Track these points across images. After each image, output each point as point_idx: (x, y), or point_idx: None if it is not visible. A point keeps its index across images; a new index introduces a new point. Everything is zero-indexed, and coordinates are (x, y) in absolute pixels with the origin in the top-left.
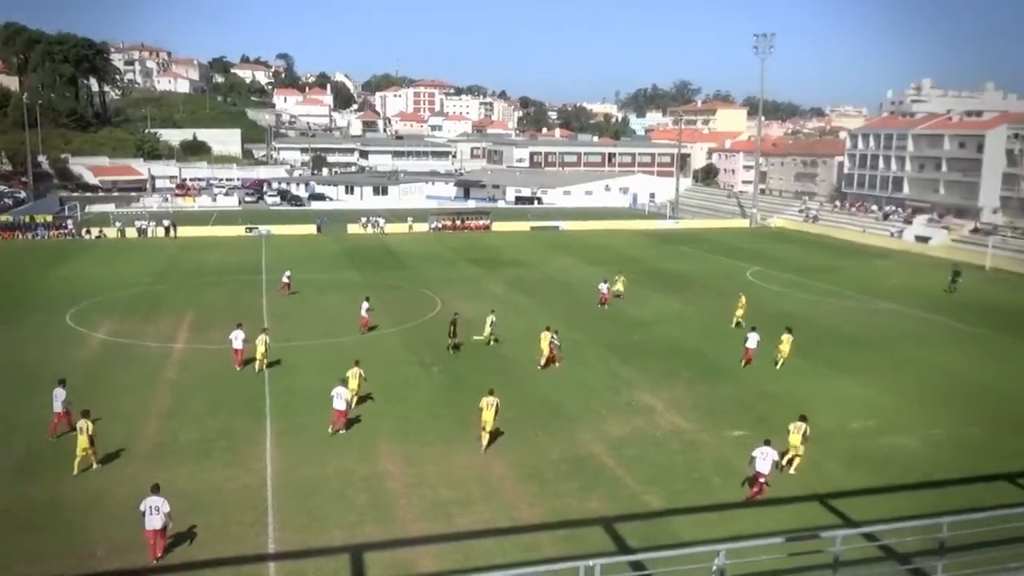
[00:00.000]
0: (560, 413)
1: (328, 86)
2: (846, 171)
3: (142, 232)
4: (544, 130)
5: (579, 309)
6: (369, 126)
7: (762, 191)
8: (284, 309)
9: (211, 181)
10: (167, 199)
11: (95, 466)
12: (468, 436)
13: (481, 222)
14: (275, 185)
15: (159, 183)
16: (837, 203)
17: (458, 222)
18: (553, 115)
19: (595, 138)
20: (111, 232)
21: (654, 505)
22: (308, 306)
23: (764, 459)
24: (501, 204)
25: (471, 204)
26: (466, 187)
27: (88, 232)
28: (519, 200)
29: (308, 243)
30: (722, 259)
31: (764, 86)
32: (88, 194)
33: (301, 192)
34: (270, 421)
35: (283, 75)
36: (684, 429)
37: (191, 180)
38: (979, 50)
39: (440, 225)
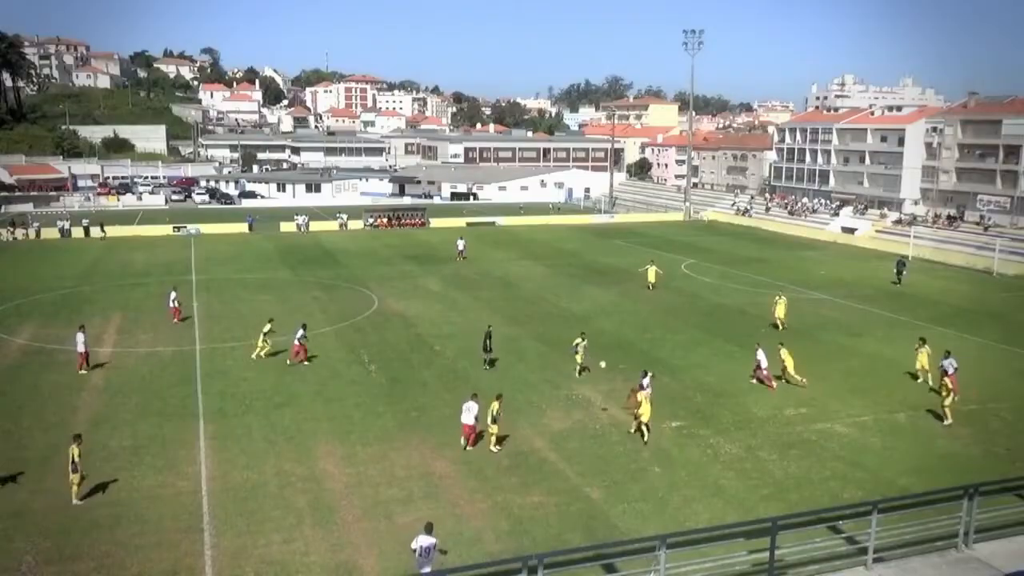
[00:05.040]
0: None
1: (257, 81)
2: (775, 165)
3: (64, 233)
4: (478, 125)
5: (517, 304)
6: (300, 122)
7: (695, 185)
8: (216, 310)
9: (136, 179)
10: (89, 198)
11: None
12: (408, 434)
13: (417, 219)
14: (204, 183)
15: (80, 182)
16: (767, 196)
17: (393, 219)
18: (487, 110)
19: (529, 133)
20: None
21: (595, 497)
22: (241, 306)
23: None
24: (437, 200)
25: (406, 201)
26: (401, 183)
27: (12, 232)
28: (455, 196)
29: (240, 242)
30: (657, 252)
31: (694, 81)
32: (4, 194)
33: (231, 190)
34: (203, 424)
35: (208, 70)
36: (623, 421)
37: (114, 178)
38: (896, 45)
39: (375, 222)
